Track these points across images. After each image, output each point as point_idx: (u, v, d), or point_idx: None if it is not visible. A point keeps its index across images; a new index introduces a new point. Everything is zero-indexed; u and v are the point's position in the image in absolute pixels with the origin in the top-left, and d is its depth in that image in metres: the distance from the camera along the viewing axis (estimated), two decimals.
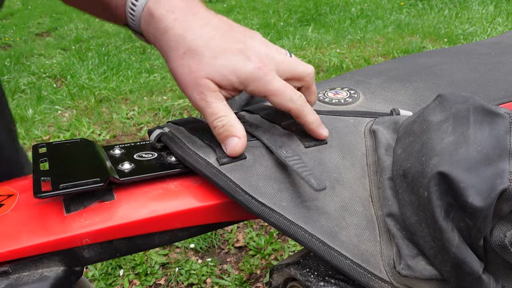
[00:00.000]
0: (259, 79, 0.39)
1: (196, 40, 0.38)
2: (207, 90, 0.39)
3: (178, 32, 0.38)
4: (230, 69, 0.38)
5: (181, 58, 0.38)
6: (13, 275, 0.33)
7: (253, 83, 0.39)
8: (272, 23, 4.01)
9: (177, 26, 0.38)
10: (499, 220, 0.32)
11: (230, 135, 0.39)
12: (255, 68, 0.39)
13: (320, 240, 0.36)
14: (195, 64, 0.38)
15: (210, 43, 0.38)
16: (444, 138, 0.34)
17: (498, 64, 0.63)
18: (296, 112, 0.41)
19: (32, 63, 3.31)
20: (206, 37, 0.38)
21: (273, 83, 0.39)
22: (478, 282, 0.33)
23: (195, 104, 0.40)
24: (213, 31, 0.39)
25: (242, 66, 0.38)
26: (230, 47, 0.39)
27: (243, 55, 0.39)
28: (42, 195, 0.33)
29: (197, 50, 0.38)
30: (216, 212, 0.40)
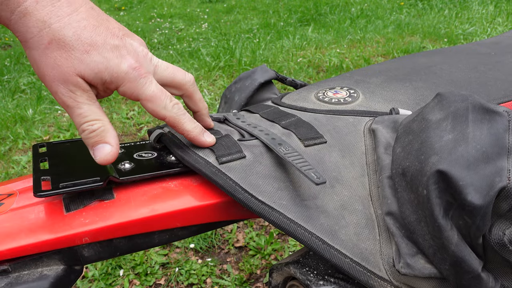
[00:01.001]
0: (133, 80, 0.36)
1: (64, 29, 0.33)
2: (78, 89, 0.35)
3: (40, 18, 0.33)
4: (103, 66, 0.35)
5: (46, 47, 0.33)
6: (13, 274, 0.33)
7: (126, 84, 0.36)
8: (272, 23, 4.01)
9: (40, 10, 0.33)
10: (498, 218, 0.32)
11: (102, 141, 0.36)
12: (130, 68, 0.36)
13: (320, 239, 0.36)
14: (64, 58, 0.34)
15: (81, 35, 0.34)
16: (443, 136, 0.34)
17: (498, 64, 0.63)
18: (170, 120, 0.39)
19: None
20: (76, 27, 0.34)
21: (147, 87, 0.37)
22: (477, 280, 0.33)
23: (61, 100, 0.35)
24: (85, 21, 0.35)
25: (116, 64, 0.35)
26: (105, 41, 0.35)
27: (118, 52, 0.35)
28: (42, 194, 0.33)
29: (65, 41, 0.33)
30: (215, 211, 0.40)
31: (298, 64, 2.78)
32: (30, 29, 0.33)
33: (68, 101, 0.35)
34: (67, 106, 0.35)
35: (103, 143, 0.36)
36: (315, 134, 0.44)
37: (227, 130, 0.45)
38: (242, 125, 0.45)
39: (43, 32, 0.33)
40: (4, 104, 2.44)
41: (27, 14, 0.33)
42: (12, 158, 1.93)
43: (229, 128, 0.46)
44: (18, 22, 0.33)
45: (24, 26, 0.33)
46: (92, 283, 1.28)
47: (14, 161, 1.91)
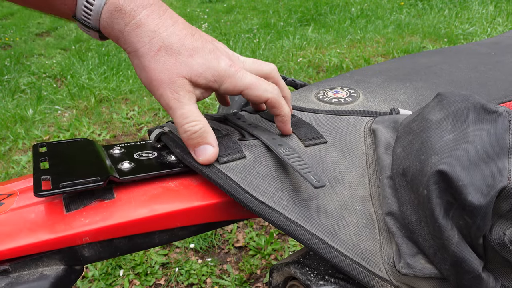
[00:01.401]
0: (232, 75, 0.39)
1: (171, 37, 0.38)
2: (182, 90, 0.38)
3: (151, 28, 0.37)
4: (205, 67, 0.38)
5: (156, 54, 0.37)
6: (13, 274, 0.33)
7: (227, 79, 0.39)
8: (272, 23, 4.01)
9: (150, 22, 0.37)
10: (499, 218, 0.32)
11: (203, 143, 0.39)
12: (227, 66, 0.39)
13: (320, 239, 0.36)
14: (171, 62, 0.37)
15: (184, 41, 0.38)
16: (444, 136, 0.34)
17: (498, 64, 0.63)
18: (273, 101, 0.41)
19: (32, 63, 3.31)
20: (180, 35, 0.38)
21: (245, 78, 0.40)
22: (477, 281, 0.33)
23: (165, 102, 0.38)
24: (184, 30, 0.39)
25: (216, 64, 0.39)
26: (203, 46, 0.39)
27: (214, 54, 0.39)
28: (42, 193, 0.33)
29: (172, 47, 0.37)
30: (215, 211, 0.40)
31: (298, 64, 2.78)
32: (142, 38, 0.37)
33: (171, 102, 0.38)
34: (171, 107, 0.38)
35: (205, 144, 0.39)
36: (316, 134, 0.44)
37: (227, 130, 0.45)
38: (242, 125, 0.45)
39: (153, 41, 0.37)
40: (4, 104, 2.44)
41: (140, 26, 0.37)
42: (12, 158, 1.93)
43: (229, 128, 0.46)
44: (131, 33, 0.37)
45: (137, 36, 0.37)
46: (92, 283, 1.28)
47: (14, 161, 1.91)
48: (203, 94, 0.40)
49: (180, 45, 0.38)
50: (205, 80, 0.39)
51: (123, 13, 0.37)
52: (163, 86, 0.38)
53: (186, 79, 0.38)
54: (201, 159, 0.39)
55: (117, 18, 0.37)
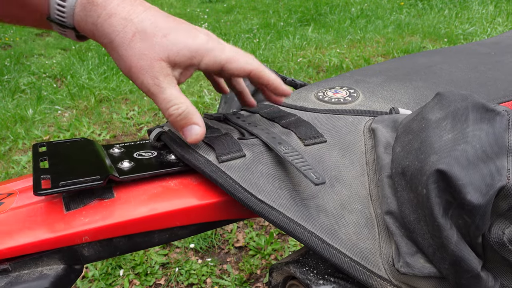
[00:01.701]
0: (211, 49, 0.39)
1: (143, 21, 0.37)
2: (161, 74, 0.38)
3: (123, 16, 0.37)
4: (182, 45, 0.38)
5: (130, 40, 0.37)
6: (13, 273, 0.33)
7: (207, 54, 0.39)
8: (272, 23, 4.01)
9: (121, 10, 0.37)
10: (498, 217, 0.32)
11: (190, 123, 0.39)
12: (205, 41, 0.39)
13: (319, 238, 0.36)
14: (147, 46, 0.37)
15: (157, 23, 0.38)
16: (443, 136, 0.34)
17: (498, 63, 0.63)
18: (257, 72, 0.41)
19: (32, 63, 3.31)
20: (152, 19, 0.38)
21: (225, 51, 0.40)
22: (476, 280, 0.33)
23: (146, 89, 0.38)
24: (157, 14, 0.39)
25: (192, 40, 0.38)
26: (177, 25, 0.39)
27: (190, 32, 0.39)
28: (42, 192, 0.33)
29: (146, 31, 0.37)
30: (215, 210, 0.40)
31: (298, 64, 2.78)
32: (115, 28, 0.37)
33: (152, 88, 0.38)
34: (152, 93, 0.38)
35: (191, 124, 0.39)
36: (315, 133, 0.44)
37: (227, 129, 0.45)
38: (242, 124, 0.45)
39: (126, 28, 0.37)
40: (4, 104, 2.44)
41: (112, 15, 0.37)
42: (12, 158, 1.93)
43: (229, 127, 0.46)
44: (104, 24, 0.37)
45: (110, 26, 0.37)
46: (92, 283, 1.28)
47: (14, 161, 1.91)
48: (184, 75, 0.40)
49: (153, 28, 0.37)
50: (183, 57, 0.38)
51: (95, 5, 0.37)
52: (142, 73, 0.38)
53: (164, 62, 0.38)
54: (188, 139, 0.39)
55: (90, 10, 0.37)
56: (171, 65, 0.38)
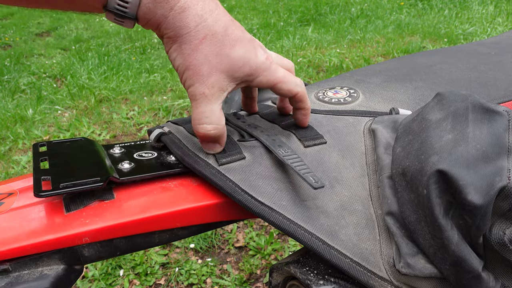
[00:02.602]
0: (268, 68, 0.39)
1: (216, 24, 0.36)
2: (215, 87, 0.37)
3: (197, 12, 0.35)
4: (245, 59, 0.37)
5: (200, 43, 0.36)
6: (13, 274, 0.33)
7: (263, 72, 0.39)
8: (272, 23, 4.01)
9: (195, 5, 0.35)
10: (498, 217, 0.32)
11: (215, 141, 0.39)
12: (264, 58, 0.38)
13: (320, 239, 0.36)
14: (214, 54, 0.36)
15: (227, 29, 0.36)
16: (443, 136, 0.34)
17: (498, 63, 0.63)
18: (301, 96, 0.42)
19: (32, 63, 3.31)
20: (224, 22, 0.37)
21: (279, 71, 0.40)
22: (477, 280, 0.33)
23: (192, 93, 0.37)
24: (226, 16, 0.37)
25: (254, 56, 0.38)
26: (243, 35, 0.38)
27: (252, 44, 0.38)
28: (42, 194, 0.33)
29: (217, 35, 0.36)
30: (215, 211, 0.40)
31: (298, 64, 2.78)
32: (188, 23, 0.35)
33: (199, 96, 0.37)
34: (196, 100, 0.37)
35: (217, 144, 0.40)
36: (315, 134, 0.44)
37: (227, 130, 0.45)
38: (242, 125, 0.45)
39: (199, 27, 0.35)
40: (4, 104, 2.44)
41: (186, 9, 0.35)
42: (12, 158, 1.93)
43: (229, 128, 0.46)
44: (176, 17, 0.35)
45: (182, 21, 0.35)
46: (92, 283, 1.28)
47: (14, 161, 1.91)
48: (235, 87, 0.39)
49: (224, 33, 0.36)
50: (243, 73, 0.38)
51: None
52: (198, 78, 0.36)
53: (223, 74, 0.37)
54: (207, 151, 0.40)
55: (161, 1, 0.34)
56: (229, 78, 0.37)
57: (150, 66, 2.98)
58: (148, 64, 3.02)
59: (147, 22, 0.36)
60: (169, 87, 2.63)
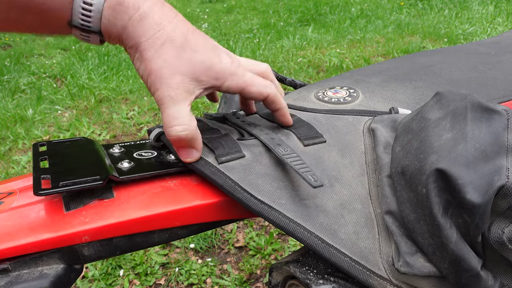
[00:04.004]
0: (234, 73, 0.39)
1: (175, 30, 0.37)
2: (180, 88, 0.37)
3: (156, 20, 0.36)
4: (208, 64, 0.38)
5: (159, 48, 0.36)
6: (13, 273, 0.33)
7: (229, 77, 0.39)
8: (272, 23, 4.01)
9: (154, 13, 0.36)
10: (497, 216, 0.32)
11: (189, 147, 0.39)
12: (229, 63, 0.39)
13: (319, 238, 0.36)
14: (174, 57, 0.36)
15: (187, 36, 0.37)
16: (442, 135, 0.34)
17: (498, 63, 0.63)
18: (273, 97, 0.42)
19: (32, 63, 3.31)
20: (183, 29, 0.37)
21: (246, 75, 0.40)
22: (476, 279, 0.33)
23: (159, 98, 0.37)
24: (186, 25, 0.38)
25: (218, 62, 0.38)
26: (205, 42, 0.38)
27: (215, 51, 0.39)
28: (42, 192, 0.33)
29: (177, 42, 0.36)
30: (215, 210, 0.40)
31: (298, 64, 2.78)
32: (147, 31, 0.36)
33: (165, 99, 0.37)
34: (163, 103, 0.37)
35: (189, 148, 0.39)
36: (315, 133, 0.44)
37: (227, 129, 0.45)
38: (241, 124, 0.45)
39: (158, 34, 0.36)
40: (4, 104, 2.44)
41: (144, 17, 0.36)
42: (12, 158, 1.93)
43: (229, 127, 0.46)
44: (135, 27, 0.36)
45: (141, 29, 0.36)
46: (92, 283, 1.28)
47: (14, 161, 1.91)
48: (202, 92, 0.39)
49: (184, 40, 0.37)
50: (208, 77, 0.38)
51: (127, 7, 0.35)
52: (161, 81, 0.37)
53: (186, 77, 0.37)
54: (183, 158, 0.39)
55: (120, 12, 0.35)
56: (194, 81, 0.37)
57: None
58: None
59: (109, 35, 0.37)
60: None
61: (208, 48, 0.38)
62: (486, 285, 0.33)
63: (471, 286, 0.33)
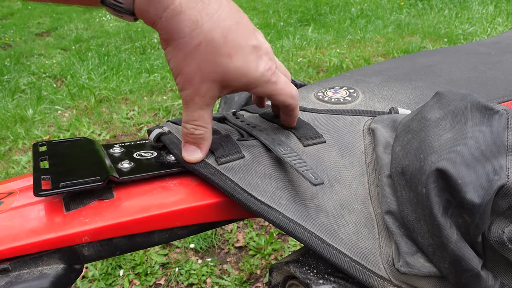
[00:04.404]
0: (267, 81, 0.37)
1: (214, 30, 0.34)
2: (206, 95, 0.36)
3: (192, 17, 0.33)
4: (243, 71, 0.35)
5: (194, 49, 0.34)
6: (13, 273, 0.33)
7: (261, 85, 0.37)
8: (272, 23, 4.01)
9: (192, 7, 0.33)
10: (497, 216, 0.32)
11: (197, 146, 0.39)
12: (265, 70, 0.37)
13: (319, 238, 0.36)
14: (208, 62, 0.34)
15: (227, 36, 0.34)
16: (442, 135, 0.34)
17: (498, 63, 0.63)
18: (293, 107, 0.42)
19: (32, 63, 3.31)
20: (223, 27, 0.34)
21: (278, 83, 0.38)
22: (476, 279, 0.33)
23: (184, 97, 0.37)
24: (229, 19, 0.35)
25: (254, 69, 0.36)
26: (246, 43, 0.35)
27: (256, 53, 0.36)
28: (42, 193, 0.33)
29: (214, 44, 0.34)
30: (215, 210, 0.40)
31: (298, 64, 2.78)
32: (182, 29, 0.33)
33: (189, 101, 0.37)
34: (187, 104, 0.37)
35: (196, 146, 0.39)
36: (315, 133, 0.44)
37: (227, 130, 0.45)
38: (241, 124, 0.45)
39: (194, 33, 0.33)
40: (4, 104, 2.44)
41: (181, 13, 0.33)
42: (12, 158, 1.93)
43: (229, 128, 0.46)
44: (170, 20, 0.33)
45: (176, 25, 0.33)
46: (92, 283, 1.28)
47: (14, 161, 1.91)
48: (228, 93, 0.38)
49: (222, 42, 0.34)
50: (239, 84, 0.36)
51: None
52: (190, 85, 0.36)
53: (216, 83, 0.36)
54: (184, 155, 0.39)
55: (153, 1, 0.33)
56: (221, 87, 0.36)
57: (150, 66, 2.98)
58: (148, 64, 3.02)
59: (144, 18, 0.35)
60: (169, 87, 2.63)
61: (248, 51, 0.35)
62: (486, 285, 0.33)
63: (471, 286, 0.33)
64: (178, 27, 0.33)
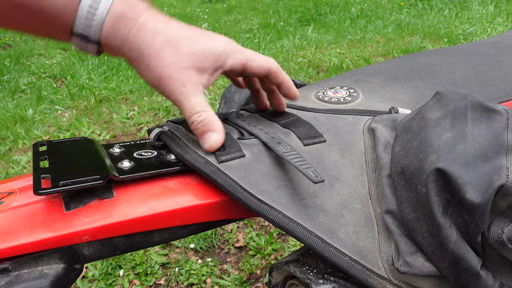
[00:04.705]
0: (233, 50, 0.41)
1: (170, 32, 0.39)
2: (189, 82, 0.39)
3: (151, 28, 0.38)
4: (207, 50, 0.39)
5: (160, 51, 0.38)
6: (13, 273, 0.33)
7: (230, 54, 0.40)
8: (272, 23, 4.01)
9: (150, 22, 0.38)
10: (497, 216, 0.32)
11: (208, 130, 0.40)
12: (226, 43, 0.41)
13: (319, 237, 0.36)
14: (175, 55, 0.38)
15: (181, 32, 0.39)
16: (442, 135, 0.34)
17: (497, 63, 0.63)
18: (275, 70, 0.43)
19: (32, 63, 3.31)
20: (176, 27, 0.39)
21: (246, 51, 0.42)
22: (476, 278, 0.33)
23: (173, 97, 0.39)
24: (178, 23, 0.40)
25: (215, 45, 0.40)
26: (200, 33, 0.40)
27: (210, 37, 0.40)
28: (42, 192, 0.33)
29: (173, 40, 0.38)
30: (215, 209, 0.40)
31: (298, 64, 2.78)
32: (145, 40, 0.38)
33: (179, 95, 0.39)
34: (179, 100, 0.39)
35: (209, 131, 0.40)
36: (315, 133, 0.44)
37: (227, 129, 0.45)
38: (241, 123, 0.45)
39: (155, 39, 0.38)
40: (4, 104, 2.44)
41: (141, 28, 0.38)
42: (12, 158, 1.93)
43: (229, 127, 0.46)
44: (134, 38, 0.38)
45: (140, 39, 0.38)
46: (92, 283, 1.28)
47: (14, 161, 1.91)
48: (210, 78, 0.41)
49: (179, 37, 0.39)
50: (209, 62, 0.39)
51: (127, 19, 0.37)
52: (171, 81, 0.38)
53: (192, 69, 0.39)
54: (206, 146, 0.40)
55: (121, 24, 0.37)
56: (198, 71, 0.39)
57: None
58: None
59: (108, 46, 0.39)
60: None
61: (204, 35, 0.40)
62: (486, 285, 0.33)
63: (470, 285, 0.33)
64: (142, 40, 0.38)
